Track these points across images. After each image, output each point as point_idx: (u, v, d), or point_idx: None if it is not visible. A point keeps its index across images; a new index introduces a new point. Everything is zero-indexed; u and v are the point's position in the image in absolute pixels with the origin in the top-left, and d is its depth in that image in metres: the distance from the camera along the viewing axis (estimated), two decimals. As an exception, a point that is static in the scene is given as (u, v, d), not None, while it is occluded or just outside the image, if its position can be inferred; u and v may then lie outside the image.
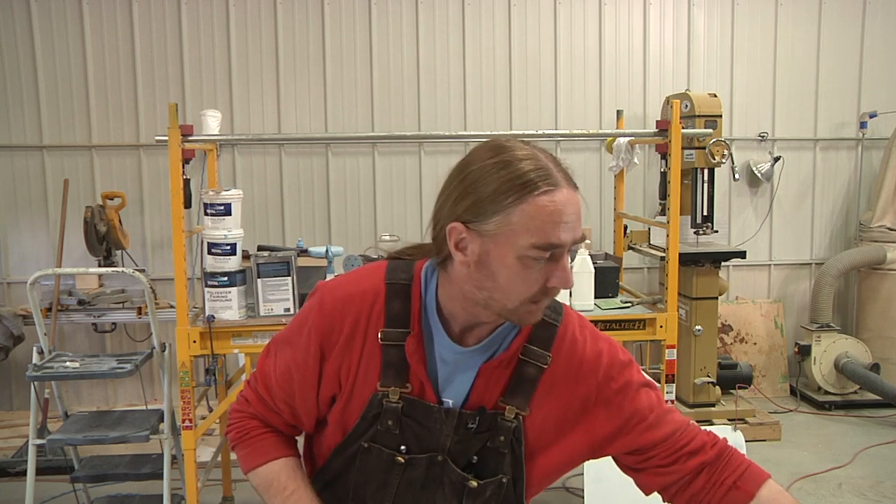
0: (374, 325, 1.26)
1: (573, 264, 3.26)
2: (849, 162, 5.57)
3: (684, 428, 1.32)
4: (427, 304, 1.26)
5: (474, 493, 1.26)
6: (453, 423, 1.25)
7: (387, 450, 1.26)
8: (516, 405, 1.25)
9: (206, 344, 3.10)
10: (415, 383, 1.25)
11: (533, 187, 1.11)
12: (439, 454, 1.25)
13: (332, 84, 5.06)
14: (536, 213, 1.11)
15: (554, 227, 1.11)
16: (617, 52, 5.25)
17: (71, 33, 4.86)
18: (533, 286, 1.15)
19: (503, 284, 1.15)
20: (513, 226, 1.11)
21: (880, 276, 5.22)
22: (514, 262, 1.13)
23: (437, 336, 1.26)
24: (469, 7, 5.11)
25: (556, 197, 1.12)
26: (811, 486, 3.88)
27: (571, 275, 1.18)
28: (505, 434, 1.25)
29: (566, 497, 3.77)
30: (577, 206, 1.15)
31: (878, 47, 5.46)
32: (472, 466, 1.26)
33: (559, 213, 1.11)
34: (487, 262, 1.15)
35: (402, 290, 1.27)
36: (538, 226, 1.11)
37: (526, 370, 1.26)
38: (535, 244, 1.11)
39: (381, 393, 1.25)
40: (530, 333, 1.27)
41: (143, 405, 4.06)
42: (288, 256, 3.17)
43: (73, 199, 4.70)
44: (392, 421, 1.24)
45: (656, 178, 4.37)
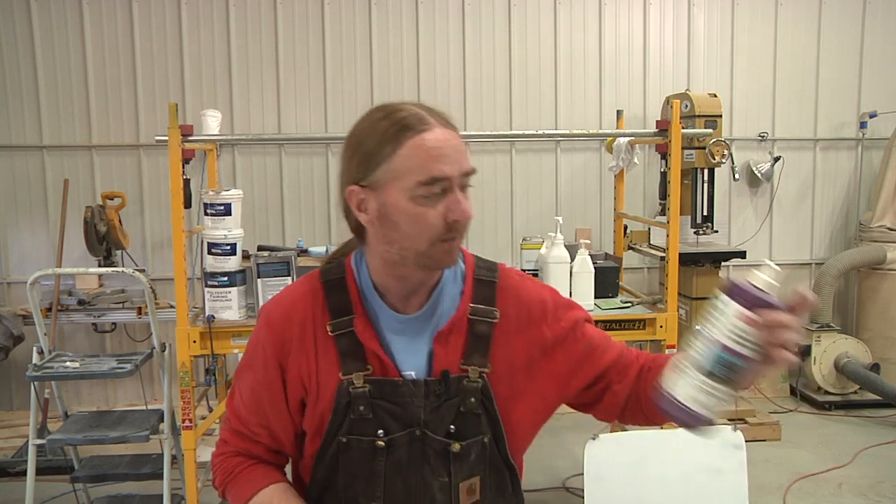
0: (321, 322, 1.31)
1: (573, 264, 3.26)
2: (849, 162, 5.57)
3: (624, 347, 1.42)
4: (363, 286, 1.32)
5: (460, 458, 1.29)
6: (422, 393, 1.28)
7: (365, 438, 1.28)
8: (477, 364, 1.29)
9: (206, 344, 3.10)
10: (374, 363, 1.28)
11: (407, 131, 1.19)
12: (416, 428, 1.28)
13: (332, 84, 5.06)
14: (414, 153, 1.18)
15: (433, 162, 1.18)
16: (617, 52, 5.25)
17: (71, 33, 4.86)
18: (434, 224, 1.20)
19: (406, 231, 1.21)
20: (397, 171, 1.19)
21: (880, 276, 5.22)
22: (408, 204, 1.19)
23: (381, 311, 1.31)
24: (469, 7, 5.11)
25: (430, 135, 1.19)
26: (811, 486, 3.88)
27: (469, 205, 1.22)
28: (474, 395, 1.28)
29: (566, 497, 3.77)
30: (453, 141, 1.21)
31: (878, 47, 5.46)
32: (452, 434, 1.29)
33: (435, 148, 1.18)
34: (386, 213, 1.21)
35: (337, 283, 1.33)
36: (418, 164, 1.18)
37: (478, 328, 1.31)
38: (419, 181, 1.17)
39: (346, 381, 1.28)
40: (473, 294, 1.33)
41: (143, 405, 4.07)
42: (288, 256, 3.18)
43: (73, 199, 4.70)
44: (363, 406, 1.27)
45: (656, 178, 4.38)
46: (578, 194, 5.30)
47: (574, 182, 5.30)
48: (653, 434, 3.20)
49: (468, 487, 1.30)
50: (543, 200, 5.27)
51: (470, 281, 1.34)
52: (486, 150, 5.19)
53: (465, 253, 1.36)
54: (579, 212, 5.25)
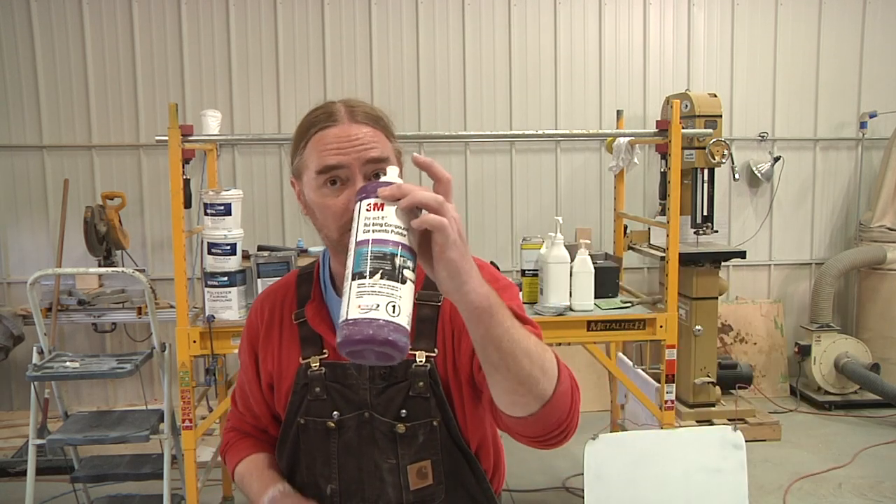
0: (289, 311, 1.41)
1: (573, 264, 3.26)
2: (849, 162, 5.57)
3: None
4: (324, 276, 1.41)
5: (406, 440, 1.32)
6: (366, 377, 1.32)
7: (320, 419, 1.34)
8: (423, 348, 1.32)
9: (206, 344, 3.10)
10: (329, 349, 1.35)
11: (311, 127, 1.28)
12: (365, 410, 1.33)
13: (332, 84, 5.06)
14: (314, 145, 1.27)
15: (327, 153, 1.25)
16: (617, 52, 5.26)
17: (71, 33, 4.86)
18: (336, 212, 1.25)
19: (320, 218, 1.29)
20: (305, 162, 1.29)
21: (880, 276, 5.22)
22: (314, 193, 1.27)
23: (333, 300, 1.37)
24: (469, 7, 5.11)
25: (332, 130, 1.26)
26: (811, 486, 3.88)
27: None
28: (422, 379, 1.31)
29: (566, 497, 3.77)
30: (356, 135, 1.25)
31: (878, 47, 5.46)
32: (402, 419, 1.32)
33: (331, 141, 1.25)
34: (306, 202, 1.31)
35: (307, 275, 1.44)
36: (317, 155, 1.26)
37: (423, 312, 1.33)
38: (316, 170, 1.26)
39: (305, 364, 1.35)
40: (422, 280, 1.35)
41: (143, 405, 4.07)
42: (288, 256, 3.18)
43: (73, 199, 4.70)
44: (319, 388, 1.34)
45: (656, 178, 4.38)
46: (578, 194, 5.30)
47: (574, 182, 5.30)
48: (653, 434, 3.20)
49: (418, 470, 1.33)
50: (543, 200, 5.27)
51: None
52: (486, 150, 5.19)
53: None
54: (579, 212, 5.25)
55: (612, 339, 3.28)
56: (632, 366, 3.88)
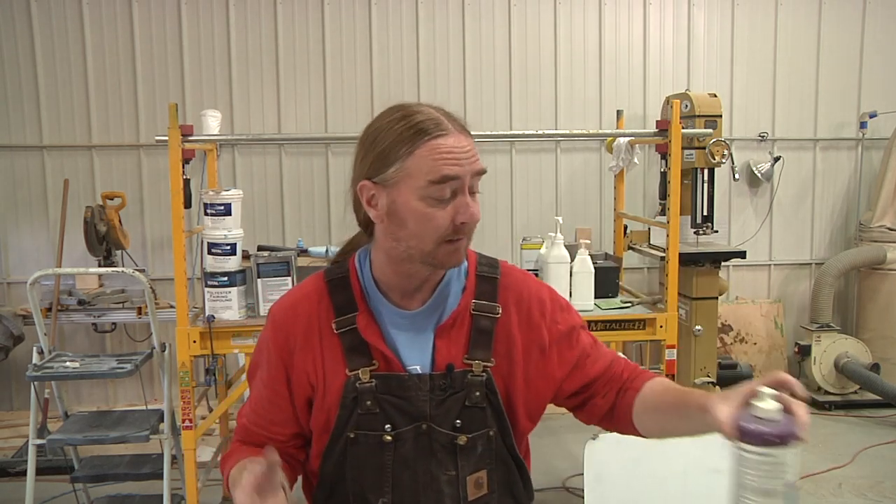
0: (326, 320, 1.34)
1: (573, 264, 3.26)
2: (849, 162, 5.57)
3: (615, 359, 1.45)
4: (365, 283, 1.35)
5: (466, 451, 1.31)
6: (427, 387, 1.30)
7: (372, 433, 1.30)
8: (481, 358, 1.32)
9: (206, 344, 3.10)
10: (379, 359, 1.31)
11: (423, 134, 1.22)
12: (423, 422, 1.30)
13: (332, 84, 5.06)
14: (428, 154, 1.22)
15: (444, 163, 1.21)
16: (617, 52, 5.25)
17: (71, 33, 4.86)
18: (441, 224, 1.23)
19: (414, 229, 1.24)
20: (409, 170, 1.22)
21: (880, 276, 5.21)
22: (419, 203, 1.22)
23: (383, 308, 1.34)
24: (469, 7, 5.11)
25: (445, 140, 1.23)
26: (811, 486, 3.88)
27: (477, 208, 1.26)
28: (479, 389, 1.30)
29: (566, 497, 3.77)
30: (468, 147, 1.25)
31: (878, 47, 5.46)
32: (458, 429, 1.30)
33: (448, 151, 1.22)
34: (396, 210, 1.25)
35: (341, 282, 1.37)
36: (430, 165, 1.21)
37: (481, 323, 1.33)
38: (430, 181, 1.21)
39: (353, 376, 1.30)
40: (475, 290, 1.36)
41: (143, 405, 4.06)
42: (288, 256, 3.18)
43: (73, 199, 4.70)
44: (370, 401, 1.29)
45: (656, 178, 4.37)
46: (578, 194, 5.30)
47: (574, 182, 5.30)
48: (653, 434, 3.20)
49: (475, 481, 1.32)
50: (543, 200, 5.27)
51: (472, 277, 1.37)
52: (485, 150, 5.19)
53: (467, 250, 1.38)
54: (579, 212, 5.24)
55: (612, 339, 3.28)
56: (632, 366, 3.87)
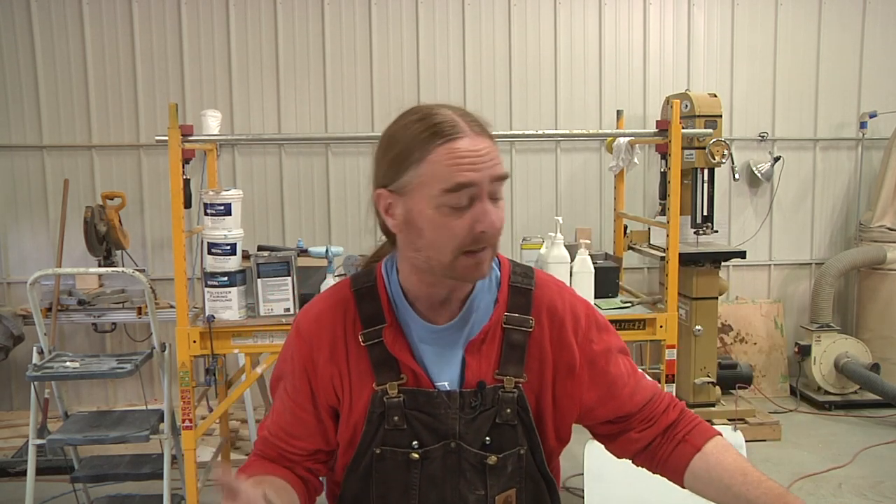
0: (353, 331, 1.28)
1: (573, 264, 3.26)
2: (849, 162, 5.56)
3: (658, 393, 1.38)
4: (393, 294, 1.29)
5: (496, 471, 1.26)
6: (457, 405, 1.25)
7: (399, 450, 1.25)
8: (512, 374, 1.26)
9: (206, 344, 3.10)
10: (407, 373, 1.25)
11: (435, 138, 1.15)
12: (452, 441, 1.25)
13: (332, 84, 5.05)
14: (441, 160, 1.14)
15: (458, 169, 1.13)
16: (617, 52, 5.25)
17: (71, 33, 4.86)
18: (459, 234, 1.15)
19: (430, 239, 1.17)
20: (423, 177, 1.15)
21: (880, 276, 5.21)
22: (433, 212, 1.15)
23: (411, 321, 1.27)
24: (469, 7, 5.11)
25: (459, 144, 1.14)
26: (811, 486, 3.88)
27: (497, 215, 1.17)
28: (510, 406, 1.25)
29: (566, 497, 3.77)
30: (484, 149, 1.16)
31: (878, 47, 5.46)
32: (488, 447, 1.26)
33: (462, 156, 1.14)
34: (412, 219, 1.18)
35: (368, 292, 1.30)
36: (444, 171, 1.13)
37: (513, 337, 1.27)
38: (444, 188, 1.13)
39: (380, 391, 1.25)
40: (508, 302, 1.29)
41: (143, 405, 4.06)
42: (288, 256, 3.18)
43: (73, 199, 4.70)
44: (398, 416, 1.24)
45: (656, 178, 4.37)
46: (578, 194, 5.30)
47: (574, 182, 5.30)
48: (653, 434, 3.20)
49: (504, 499, 1.28)
50: (543, 200, 5.27)
51: (505, 288, 1.30)
52: (486, 150, 5.18)
53: (500, 258, 1.33)
54: (579, 212, 5.24)
55: (612, 339, 3.28)
56: (632, 366, 3.87)
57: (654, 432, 1.34)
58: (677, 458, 1.32)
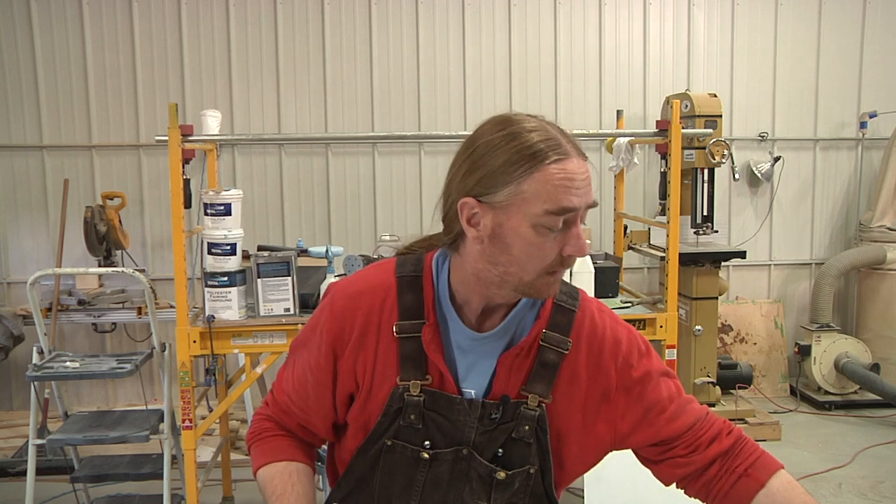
0: (388, 320, 1.25)
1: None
2: (849, 162, 5.57)
3: (704, 418, 1.32)
4: (440, 292, 1.26)
5: (503, 486, 1.25)
6: (477, 415, 1.23)
7: (411, 446, 1.24)
8: (538, 393, 1.24)
9: (206, 344, 3.10)
10: (434, 375, 1.24)
11: (543, 157, 1.12)
12: (464, 448, 1.24)
13: (332, 84, 5.05)
14: (548, 180, 1.12)
15: (565, 193, 1.12)
16: (617, 52, 5.25)
17: (71, 33, 4.86)
18: (548, 256, 1.15)
19: (518, 256, 1.15)
20: (525, 194, 1.12)
21: (880, 276, 5.21)
22: (529, 231, 1.13)
23: (453, 324, 1.25)
24: (469, 7, 5.11)
25: (567, 165, 1.13)
26: (811, 486, 3.88)
27: (585, 242, 1.17)
28: (529, 423, 1.23)
29: (566, 497, 3.77)
30: (586, 173, 1.15)
31: (878, 47, 5.46)
32: (498, 459, 1.25)
33: (570, 179, 1.12)
34: (501, 234, 1.14)
35: (413, 281, 1.26)
36: (550, 192, 1.11)
37: (547, 356, 1.25)
38: (548, 210, 1.11)
39: (402, 387, 1.23)
40: (549, 319, 1.26)
41: (143, 405, 4.06)
42: (288, 256, 3.17)
43: (73, 199, 4.70)
44: (414, 415, 1.23)
45: (656, 178, 4.37)
46: (578, 194, 5.29)
47: (574, 182, 5.29)
48: (653, 434, 3.20)
49: None
50: (543, 200, 5.26)
51: (549, 305, 1.28)
52: (486, 150, 5.18)
53: None
54: (579, 212, 5.24)
55: (612, 339, 3.28)
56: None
57: (703, 459, 1.29)
58: (739, 494, 1.27)
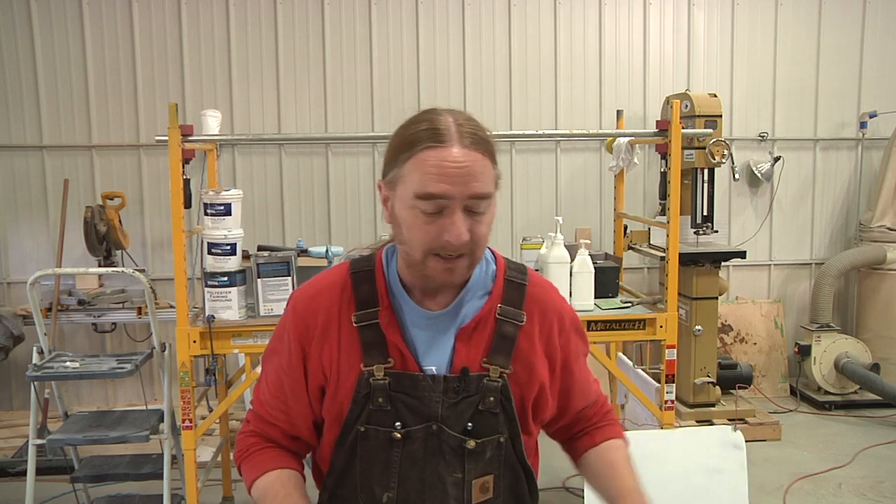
0: (347, 312, 1.33)
1: (573, 264, 3.26)
2: (849, 162, 5.57)
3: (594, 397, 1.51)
4: (390, 280, 1.35)
5: (475, 455, 1.31)
6: (440, 389, 1.30)
7: (383, 429, 1.30)
8: (499, 364, 1.31)
9: (206, 344, 3.10)
10: (396, 356, 1.30)
11: (420, 143, 1.20)
12: (434, 423, 1.30)
13: (332, 84, 5.06)
14: (418, 165, 1.19)
15: (432, 179, 1.18)
16: (617, 52, 5.25)
17: (71, 33, 4.86)
18: (425, 239, 1.21)
19: (406, 235, 1.24)
20: (403, 177, 1.21)
21: (880, 276, 5.21)
22: (408, 211, 1.22)
23: (406, 306, 1.33)
24: (469, 7, 5.11)
25: (440, 153, 1.18)
26: (811, 486, 3.88)
27: (463, 230, 1.20)
28: (493, 394, 1.30)
29: (566, 497, 3.77)
30: (465, 163, 1.19)
31: (878, 47, 5.46)
32: (469, 432, 1.30)
33: (439, 166, 1.18)
34: (395, 212, 1.26)
35: (366, 275, 1.36)
36: (419, 178, 1.19)
37: (504, 329, 1.33)
38: (416, 193, 1.19)
39: (367, 372, 1.30)
40: (503, 295, 1.35)
41: (143, 405, 4.06)
42: (288, 256, 3.18)
43: (73, 199, 4.70)
44: (382, 398, 1.29)
45: (656, 178, 4.37)
46: (578, 194, 5.30)
47: (574, 182, 5.30)
48: (653, 434, 3.20)
49: (481, 485, 1.32)
50: (543, 200, 5.27)
51: (500, 282, 1.36)
52: (486, 150, 5.18)
53: (496, 255, 1.40)
54: (579, 212, 5.25)
55: (612, 339, 3.28)
56: (632, 366, 3.88)
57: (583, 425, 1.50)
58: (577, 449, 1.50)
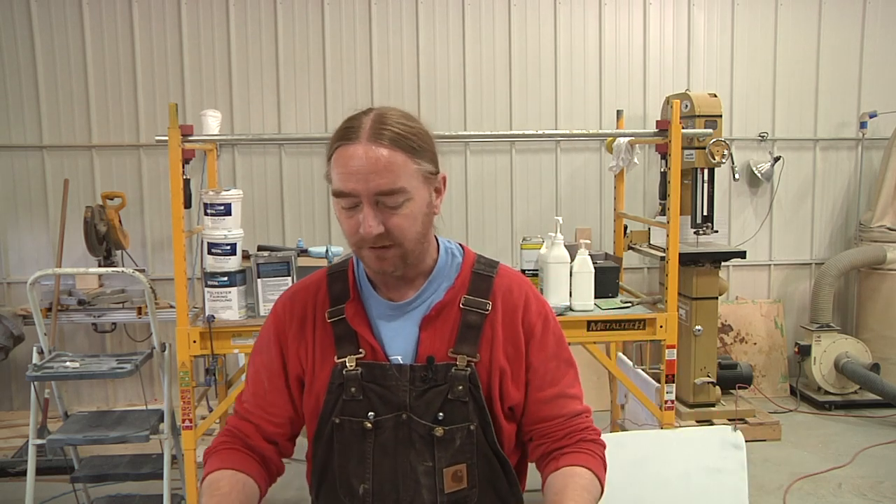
0: (322, 310, 1.40)
1: (573, 264, 3.26)
2: (849, 162, 5.56)
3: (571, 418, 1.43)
4: (358, 275, 1.41)
5: (444, 443, 1.33)
6: (407, 378, 1.33)
7: (355, 419, 1.34)
8: (466, 353, 1.34)
9: (206, 344, 3.10)
10: (366, 347, 1.35)
11: (335, 142, 1.27)
12: (403, 412, 1.33)
13: (332, 84, 5.06)
14: (334, 164, 1.26)
15: (339, 177, 1.25)
16: (617, 52, 5.25)
17: (71, 33, 4.86)
18: (350, 231, 1.28)
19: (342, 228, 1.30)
20: (329, 175, 1.29)
21: (880, 276, 5.21)
22: (335, 208, 1.30)
23: (372, 299, 1.39)
24: (469, 7, 5.11)
25: (348, 151, 1.24)
26: (811, 486, 3.88)
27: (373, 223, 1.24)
28: (462, 383, 1.33)
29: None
30: (369, 159, 1.22)
31: (878, 47, 5.46)
32: (440, 421, 1.33)
33: (344, 164, 1.24)
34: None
35: (340, 275, 1.43)
36: (334, 175, 1.26)
37: (469, 318, 1.36)
38: (332, 191, 1.27)
39: (340, 364, 1.35)
40: (469, 286, 1.39)
41: (143, 405, 4.06)
42: (288, 256, 3.18)
43: (73, 199, 4.70)
44: (355, 388, 1.34)
45: (656, 178, 4.38)
46: (578, 194, 5.30)
47: (574, 182, 5.30)
48: (653, 434, 3.20)
49: (453, 473, 1.34)
50: (543, 200, 5.27)
51: (466, 273, 1.40)
52: (486, 149, 5.19)
53: (465, 250, 1.44)
54: (579, 212, 5.25)
55: (612, 339, 3.28)
56: (632, 366, 3.88)
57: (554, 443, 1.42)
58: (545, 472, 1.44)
